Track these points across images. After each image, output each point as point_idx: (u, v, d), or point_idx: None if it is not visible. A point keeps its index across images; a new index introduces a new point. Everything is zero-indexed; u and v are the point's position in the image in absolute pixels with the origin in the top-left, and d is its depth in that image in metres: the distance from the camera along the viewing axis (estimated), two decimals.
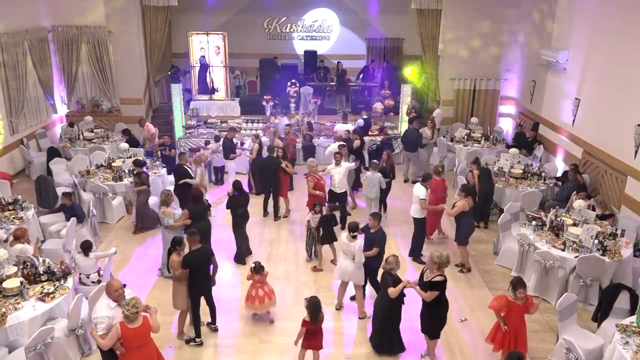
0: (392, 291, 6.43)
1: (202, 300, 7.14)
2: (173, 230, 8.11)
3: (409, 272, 8.81)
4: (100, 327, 5.58)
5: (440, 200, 9.55)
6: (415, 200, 8.94)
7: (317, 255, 9.15)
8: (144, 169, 10.65)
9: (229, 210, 9.10)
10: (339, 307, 7.90)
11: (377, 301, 6.91)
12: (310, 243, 9.21)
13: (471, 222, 8.93)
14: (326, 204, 9.65)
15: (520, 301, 6.29)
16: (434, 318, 6.61)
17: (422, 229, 9.22)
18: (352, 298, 7.92)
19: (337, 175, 10.17)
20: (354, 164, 10.96)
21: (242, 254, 9.21)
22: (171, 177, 11.84)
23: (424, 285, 6.48)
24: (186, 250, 7.02)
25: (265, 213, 11.03)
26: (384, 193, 10.65)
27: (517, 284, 6.30)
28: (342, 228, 10.43)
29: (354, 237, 7.34)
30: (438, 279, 6.40)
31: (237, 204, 9.00)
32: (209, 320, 7.40)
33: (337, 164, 10.21)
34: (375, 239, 7.52)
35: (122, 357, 5.58)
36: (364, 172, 11.78)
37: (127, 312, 5.44)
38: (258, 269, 7.48)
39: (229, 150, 12.09)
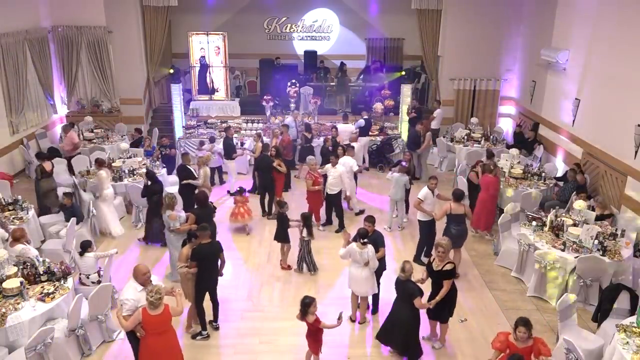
0: (420, 304, 6.51)
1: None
2: (178, 234, 8.08)
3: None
4: (125, 308, 5.77)
5: (493, 198, 9.69)
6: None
7: (314, 269, 8.90)
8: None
9: (145, 198, 9.84)
10: (355, 319, 7.59)
11: (399, 307, 6.71)
12: (302, 256, 8.85)
13: (461, 227, 8.60)
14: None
15: (520, 343, 5.63)
16: (448, 303, 6.82)
17: (426, 232, 9.05)
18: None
19: (331, 177, 10.17)
20: (356, 166, 10.90)
21: (155, 234, 9.66)
22: (172, 178, 11.89)
23: (436, 275, 6.65)
24: None
25: (264, 212, 11.05)
26: (407, 193, 10.59)
27: (518, 322, 5.67)
28: (340, 230, 10.28)
29: (364, 244, 7.09)
30: (449, 267, 6.60)
31: (153, 192, 9.57)
32: (211, 318, 7.41)
33: (333, 165, 10.26)
34: (377, 241, 7.43)
35: (142, 340, 5.75)
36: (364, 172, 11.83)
37: (151, 299, 5.57)
38: (241, 191, 10.08)
39: (231, 149, 12.08)
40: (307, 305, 6.10)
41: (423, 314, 6.84)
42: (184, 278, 6.97)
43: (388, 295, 7.42)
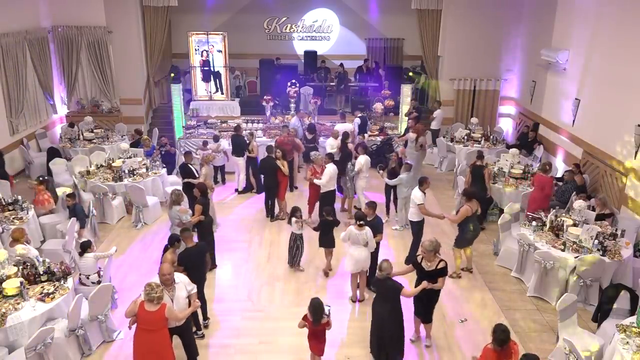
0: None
1: None
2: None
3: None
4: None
5: (546, 198, 9.72)
6: (413, 204, 8.93)
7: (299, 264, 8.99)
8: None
9: None
10: (355, 299, 8.10)
11: (378, 310, 6.63)
12: (295, 252, 8.87)
13: (475, 225, 8.69)
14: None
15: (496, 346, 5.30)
16: (434, 302, 6.97)
17: (418, 233, 9.09)
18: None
19: (324, 175, 10.14)
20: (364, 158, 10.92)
21: None
22: (172, 178, 11.91)
23: (431, 275, 6.69)
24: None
25: (267, 214, 10.99)
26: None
27: (495, 328, 5.36)
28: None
29: (361, 225, 7.60)
30: (443, 265, 6.71)
31: None
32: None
33: (325, 163, 10.28)
34: (376, 226, 7.87)
35: (135, 335, 5.82)
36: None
37: (152, 295, 5.57)
38: (42, 181, 9.63)
39: (241, 147, 12.03)
40: (322, 310, 6.03)
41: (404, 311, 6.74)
42: None
43: None
